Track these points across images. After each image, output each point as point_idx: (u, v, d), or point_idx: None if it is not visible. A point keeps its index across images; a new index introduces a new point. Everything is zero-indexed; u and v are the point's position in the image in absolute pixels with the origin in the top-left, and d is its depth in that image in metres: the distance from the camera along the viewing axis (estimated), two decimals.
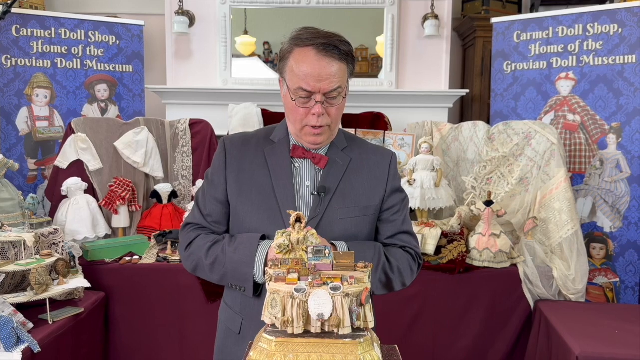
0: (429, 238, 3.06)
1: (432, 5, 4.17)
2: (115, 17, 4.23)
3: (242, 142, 1.61)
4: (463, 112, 4.97)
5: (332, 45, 1.41)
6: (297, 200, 1.52)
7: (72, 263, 2.81)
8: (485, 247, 3.00)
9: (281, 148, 1.57)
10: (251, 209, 1.52)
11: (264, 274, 1.29)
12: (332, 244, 1.44)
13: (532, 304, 3.00)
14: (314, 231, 1.30)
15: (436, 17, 4.15)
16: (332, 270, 1.20)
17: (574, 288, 3.01)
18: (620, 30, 3.53)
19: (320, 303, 1.12)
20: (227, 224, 1.59)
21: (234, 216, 1.57)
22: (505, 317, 3.02)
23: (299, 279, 1.17)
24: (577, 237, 3.09)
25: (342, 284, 1.15)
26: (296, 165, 1.55)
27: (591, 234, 3.56)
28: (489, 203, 3.07)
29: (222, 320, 1.66)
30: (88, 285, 2.73)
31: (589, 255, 3.43)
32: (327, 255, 1.22)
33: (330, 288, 1.13)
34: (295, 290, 1.13)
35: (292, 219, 1.28)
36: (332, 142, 1.58)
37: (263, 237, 1.48)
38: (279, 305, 1.15)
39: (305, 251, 1.25)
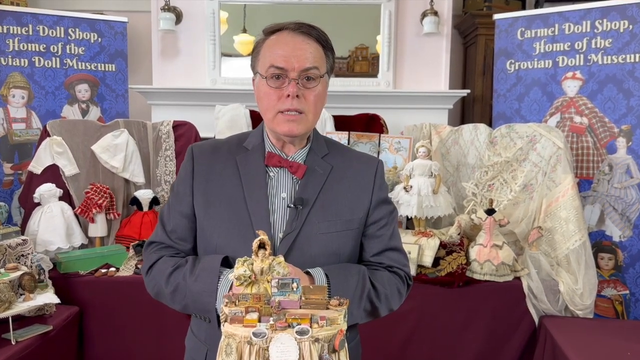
0: (426, 249, 2.87)
1: (432, 1, 3.98)
2: (102, 14, 4.04)
3: (211, 149, 1.44)
4: (464, 113, 4.78)
5: (307, 25, 1.32)
6: (272, 214, 1.34)
7: (40, 277, 2.61)
8: (487, 258, 2.81)
9: (255, 155, 1.40)
10: (219, 223, 1.35)
11: None
12: (308, 272, 1.25)
13: (536, 320, 2.82)
14: (281, 259, 1.11)
15: (435, 13, 3.97)
16: (300, 308, 1.00)
17: (581, 303, 2.82)
18: (630, 27, 3.32)
19: (284, 350, 0.93)
20: (193, 241, 1.42)
21: (200, 232, 1.39)
22: (507, 334, 2.83)
23: (259, 320, 0.97)
24: (585, 249, 2.91)
25: (310, 326, 0.95)
26: (271, 174, 1.38)
27: (599, 243, 3.37)
28: (490, 211, 2.88)
29: (188, 349, 1.49)
30: (57, 301, 2.55)
31: (597, 266, 3.24)
32: (294, 289, 1.02)
33: (296, 332, 0.94)
34: (254, 334, 0.94)
35: (255, 245, 1.09)
36: (311, 148, 1.41)
37: (227, 260, 1.30)
38: (235, 352, 0.96)
39: (270, 283, 1.06)
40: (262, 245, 1.09)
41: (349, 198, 1.38)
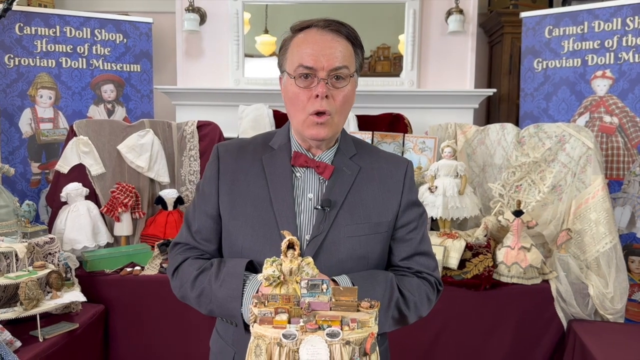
0: (452, 251, 2.82)
1: None
2: (127, 14, 4.07)
3: (237, 149, 1.42)
4: (489, 113, 4.70)
5: (336, 22, 1.29)
6: (298, 216, 1.32)
7: (67, 275, 2.64)
8: (514, 261, 2.76)
9: (281, 155, 1.37)
10: (245, 225, 1.33)
11: None
12: (333, 280, 1.22)
13: (565, 324, 2.75)
14: (310, 260, 1.09)
15: (461, 11, 3.91)
16: (330, 310, 0.99)
17: (612, 307, 2.74)
18: None
19: (314, 352, 0.91)
20: (218, 242, 1.40)
21: (225, 233, 1.37)
22: (535, 338, 2.77)
23: (289, 321, 0.96)
24: (615, 252, 2.83)
25: (341, 328, 0.93)
26: (297, 175, 1.36)
27: (630, 245, 3.28)
28: (518, 213, 2.82)
29: (214, 352, 1.47)
30: (83, 299, 2.57)
31: (628, 269, 3.15)
32: (324, 290, 1.00)
33: (327, 334, 0.92)
34: (284, 336, 0.92)
35: (284, 246, 1.07)
36: (338, 148, 1.39)
37: (251, 263, 1.28)
38: (264, 353, 0.94)
39: (300, 284, 1.04)
40: (291, 246, 1.07)
41: (377, 200, 1.35)
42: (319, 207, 1.30)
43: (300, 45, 1.28)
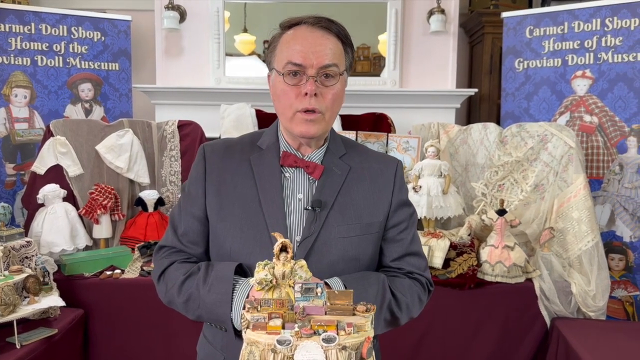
0: (436, 250, 2.82)
1: None
2: (105, 12, 4.00)
3: (224, 149, 1.39)
4: (470, 112, 4.73)
5: (326, 20, 1.29)
6: (288, 216, 1.29)
7: (45, 279, 2.56)
8: (498, 260, 2.77)
9: (269, 155, 1.35)
10: (233, 226, 1.30)
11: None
12: (325, 282, 1.20)
13: (548, 321, 2.78)
14: (303, 263, 1.06)
15: (442, 11, 3.92)
16: (325, 314, 0.96)
17: (594, 305, 2.77)
18: None
19: (310, 358, 0.88)
20: (205, 244, 1.36)
21: (213, 235, 1.34)
22: (519, 336, 2.79)
23: (283, 327, 0.93)
24: (597, 250, 2.86)
25: (337, 333, 0.91)
26: (287, 175, 1.33)
27: (609, 243, 3.32)
28: (501, 212, 2.83)
29: (201, 357, 1.44)
30: (62, 304, 2.50)
31: (608, 267, 3.18)
32: (318, 294, 0.98)
33: (323, 339, 0.89)
34: (278, 342, 0.89)
35: (277, 249, 1.04)
36: (328, 147, 1.36)
37: (240, 267, 1.25)
38: None
39: (293, 287, 1.02)
40: (283, 249, 1.04)
41: (368, 200, 1.33)
42: (309, 208, 1.28)
43: (289, 42, 1.26)
